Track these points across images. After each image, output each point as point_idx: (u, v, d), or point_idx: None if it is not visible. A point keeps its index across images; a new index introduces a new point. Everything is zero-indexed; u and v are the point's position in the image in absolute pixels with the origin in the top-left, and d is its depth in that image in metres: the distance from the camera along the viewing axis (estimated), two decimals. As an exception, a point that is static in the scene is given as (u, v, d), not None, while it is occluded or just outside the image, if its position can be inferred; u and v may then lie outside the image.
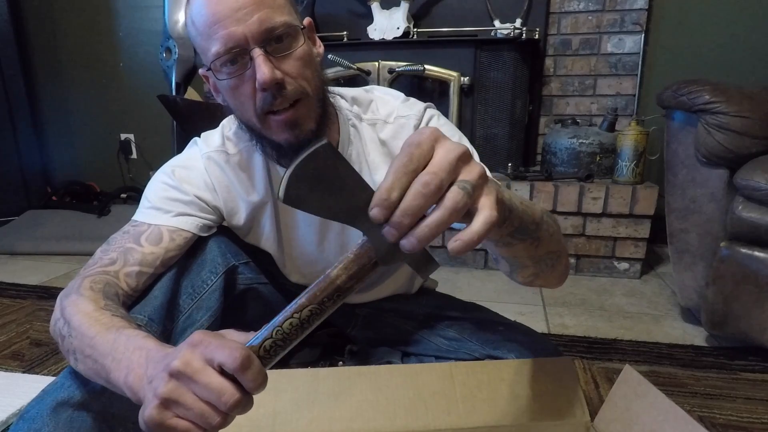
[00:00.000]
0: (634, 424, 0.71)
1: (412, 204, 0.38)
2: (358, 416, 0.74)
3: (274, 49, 0.65)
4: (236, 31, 0.63)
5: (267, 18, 0.64)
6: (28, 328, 1.44)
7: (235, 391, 0.41)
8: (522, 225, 0.55)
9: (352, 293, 0.44)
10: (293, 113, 0.68)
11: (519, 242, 0.58)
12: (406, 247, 0.39)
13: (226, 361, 0.40)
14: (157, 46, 2.52)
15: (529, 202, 0.59)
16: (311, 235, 0.87)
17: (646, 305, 1.59)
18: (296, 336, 0.44)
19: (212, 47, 0.65)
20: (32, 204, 2.61)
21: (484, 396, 0.76)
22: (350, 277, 0.43)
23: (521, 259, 0.62)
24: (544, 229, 0.61)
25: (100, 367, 0.52)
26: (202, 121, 1.95)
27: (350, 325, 1.03)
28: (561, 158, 1.88)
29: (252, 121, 0.71)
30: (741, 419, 0.99)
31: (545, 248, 0.63)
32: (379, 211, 0.39)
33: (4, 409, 0.97)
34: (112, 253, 0.72)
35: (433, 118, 0.83)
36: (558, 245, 0.67)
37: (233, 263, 0.84)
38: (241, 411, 0.42)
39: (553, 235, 0.64)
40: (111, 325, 0.55)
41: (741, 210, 1.17)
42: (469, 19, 2.10)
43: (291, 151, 0.72)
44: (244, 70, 0.66)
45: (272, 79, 0.64)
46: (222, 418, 0.41)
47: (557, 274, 0.71)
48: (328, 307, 0.43)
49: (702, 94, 1.25)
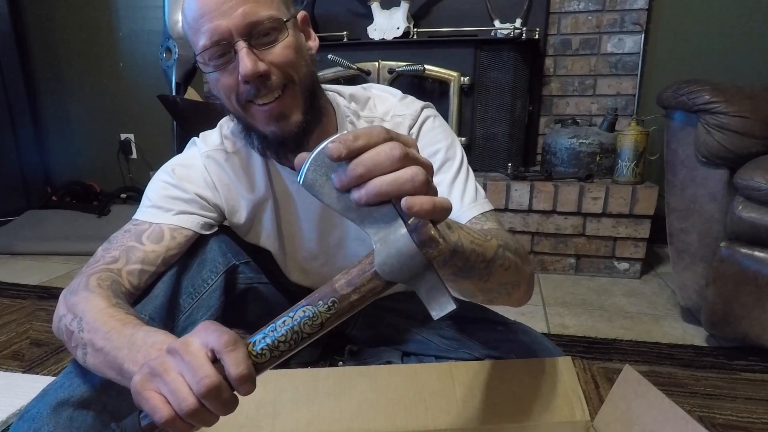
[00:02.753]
0: (634, 424, 0.71)
1: (373, 156, 0.39)
2: (358, 416, 0.74)
3: (258, 43, 0.66)
4: (221, 24, 0.64)
5: (251, 11, 0.64)
6: (28, 328, 1.44)
7: (214, 374, 0.41)
8: (467, 264, 0.53)
9: (351, 302, 0.43)
10: (278, 104, 0.69)
11: (464, 279, 0.57)
12: (355, 197, 0.39)
13: (211, 339, 0.42)
14: (157, 46, 2.52)
15: (482, 239, 0.56)
16: (311, 231, 0.87)
17: (646, 305, 1.59)
18: (289, 337, 0.44)
19: (200, 41, 0.66)
20: (32, 204, 2.61)
21: (484, 396, 0.76)
22: (348, 283, 0.43)
23: (470, 291, 0.62)
24: (498, 265, 0.59)
25: (113, 359, 0.52)
26: (202, 121, 1.95)
27: (350, 325, 1.03)
28: (561, 158, 1.88)
29: (237, 112, 0.72)
30: (741, 419, 0.99)
31: (496, 282, 0.61)
32: (335, 146, 0.38)
33: (4, 409, 0.97)
34: (113, 251, 0.72)
35: (429, 120, 0.83)
36: (515, 276, 0.65)
37: (234, 262, 0.84)
38: (219, 404, 0.42)
39: (509, 268, 0.62)
40: (127, 322, 0.56)
41: (741, 210, 1.17)
42: (469, 19, 2.10)
43: (276, 143, 0.72)
44: (229, 63, 0.67)
45: (254, 72, 0.65)
46: (194, 402, 0.41)
47: (515, 299, 0.70)
48: (325, 315, 0.43)
49: (702, 94, 1.25)
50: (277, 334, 0.43)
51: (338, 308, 0.43)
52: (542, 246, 1.86)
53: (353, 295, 0.43)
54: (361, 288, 0.43)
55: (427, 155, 0.76)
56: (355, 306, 0.43)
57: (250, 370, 0.42)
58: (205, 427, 0.44)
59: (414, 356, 0.98)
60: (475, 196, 0.80)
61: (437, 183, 0.76)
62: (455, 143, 0.82)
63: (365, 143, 0.39)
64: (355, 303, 0.43)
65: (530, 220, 1.83)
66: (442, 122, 0.85)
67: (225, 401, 0.42)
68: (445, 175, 0.80)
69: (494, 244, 0.59)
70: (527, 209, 1.81)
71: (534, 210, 1.81)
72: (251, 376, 0.42)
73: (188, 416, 0.41)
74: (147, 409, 0.42)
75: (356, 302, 0.43)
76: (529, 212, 1.82)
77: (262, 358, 0.43)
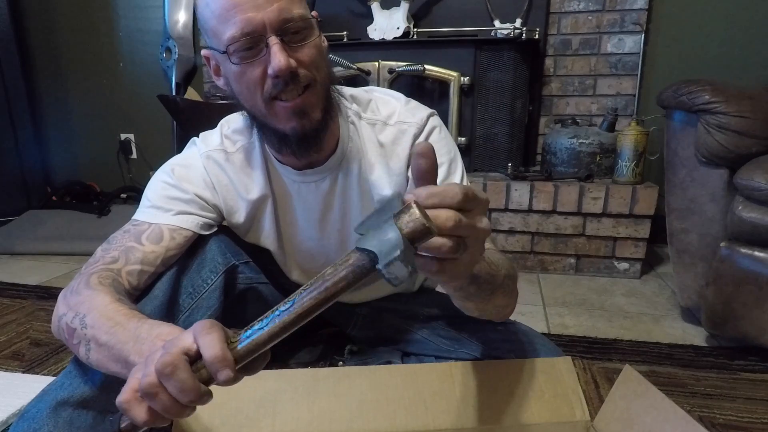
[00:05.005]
0: (634, 424, 0.71)
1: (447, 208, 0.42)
2: (358, 416, 0.74)
3: (289, 40, 0.66)
4: (255, 17, 0.64)
5: (286, 7, 0.65)
6: (28, 328, 1.44)
7: (175, 352, 0.42)
8: (479, 290, 0.58)
9: (341, 286, 0.43)
10: (302, 101, 0.69)
11: (469, 301, 0.62)
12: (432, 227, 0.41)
13: (195, 329, 0.44)
14: (157, 46, 2.52)
15: (495, 270, 0.62)
16: (311, 230, 0.87)
17: (646, 305, 1.59)
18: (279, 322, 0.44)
19: (228, 30, 0.65)
20: (32, 204, 2.61)
21: (484, 396, 0.76)
22: (337, 269, 0.43)
23: (468, 308, 0.66)
24: (499, 293, 0.65)
25: (118, 352, 0.52)
26: (202, 121, 1.95)
27: (350, 325, 1.03)
28: (561, 158, 1.88)
29: (257, 107, 0.71)
30: (741, 419, 0.99)
31: (494, 304, 0.67)
32: (422, 191, 0.42)
33: (4, 409, 0.97)
34: (113, 251, 0.72)
35: (435, 131, 0.83)
36: (510, 299, 0.72)
37: (233, 262, 0.84)
38: (175, 385, 0.42)
39: (507, 294, 0.68)
40: (132, 316, 0.56)
41: (741, 210, 1.17)
42: (469, 19, 2.10)
43: (296, 140, 0.72)
44: (257, 56, 0.66)
45: (287, 67, 0.65)
46: (154, 379, 0.42)
47: (502, 316, 0.76)
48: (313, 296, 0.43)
49: (702, 94, 1.25)
50: (262, 322, 0.44)
51: (320, 289, 0.43)
52: (542, 246, 1.86)
53: (338, 278, 0.43)
54: (342, 265, 0.43)
55: None
56: (337, 289, 0.43)
57: (225, 353, 0.42)
58: (175, 417, 0.44)
59: (414, 356, 0.98)
60: None
61: None
62: (457, 157, 0.84)
63: (437, 201, 0.42)
64: (338, 285, 0.43)
65: (530, 220, 1.83)
66: (447, 133, 0.86)
67: (182, 382, 0.42)
68: None
69: (503, 275, 0.64)
70: (527, 209, 1.81)
71: (534, 210, 1.81)
72: (225, 358, 0.42)
73: (147, 396, 0.42)
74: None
75: (339, 283, 0.43)
76: (529, 212, 1.82)
77: (246, 342, 0.44)
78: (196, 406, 0.44)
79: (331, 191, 0.83)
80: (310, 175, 0.81)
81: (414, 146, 0.71)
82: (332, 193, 0.83)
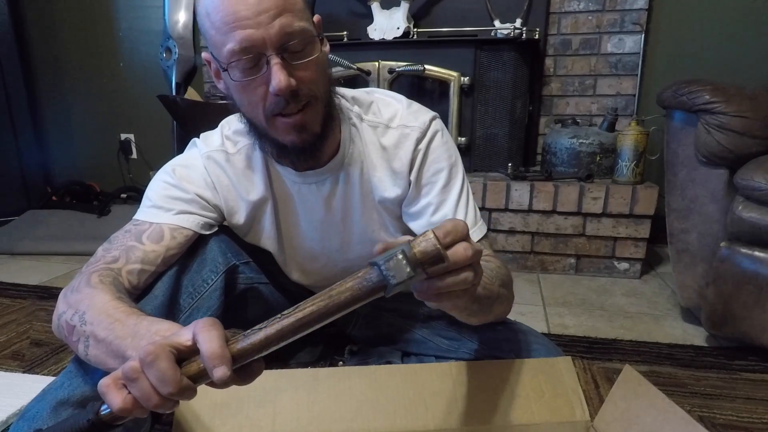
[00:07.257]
0: (634, 424, 0.71)
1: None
2: (358, 416, 0.74)
3: (290, 56, 0.66)
4: (255, 34, 0.63)
5: (288, 24, 0.64)
6: (28, 328, 1.44)
7: (160, 343, 0.43)
8: (479, 307, 0.61)
9: (347, 300, 0.44)
10: (301, 117, 0.69)
11: (473, 317, 0.64)
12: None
13: (196, 326, 0.44)
14: (157, 46, 2.52)
15: (491, 284, 0.65)
16: (312, 232, 0.87)
17: (646, 305, 1.59)
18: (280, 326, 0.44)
19: (227, 44, 0.64)
20: (32, 204, 2.60)
21: (484, 396, 0.76)
22: (345, 285, 0.44)
23: (468, 320, 0.67)
24: (496, 306, 0.68)
25: (117, 348, 0.53)
26: (202, 121, 1.95)
27: (350, 325, 1.03)
28: (561, 158, 1.88)
29: (258, 119, 0.71)
30: (741, 419, 0.99)
31: (493, 315, 0.71)
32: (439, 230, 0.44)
33: (4, 409, 0.97)
34: (114, 251, 0.72)
35: (437, 135, 0.83)
36: (505, 307, 0.77)
37: (234, 262, 0.84)
38: (156, 374, 0.42)
39: (504, 301, 0.72)
40: (131, 313, 0.56)
41: (741, 210, 1.17)
42: (469, 19, 2.10)
43: (294, 151, 0.73)
44: (258, 73, 0.66)
45: (288, 87, 0.65)
46: (137, 366, 0.42)
47: (500, 319, 0.81)
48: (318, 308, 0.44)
49: (702, 94, 1.25)
50: (262, 326, 0.45)
51: (324, 298, 0.44)
52: (542, 246, 1.86)
53: (344, 292, 0.44)
54: (350, 277, 0.45)
55: (431, 173, 0.83)
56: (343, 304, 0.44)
57: (223, 350, 0.42)
58: (153, 409, 0.43)
59: (414, 356, 0.98)
60: (475, 220, 0.83)
61: (440, 203, 0.80)
62: (458, 161, 0.84)
63: (450, 240, 0.45)
64: (344, 299, 0.44)
65: (530, 220, 1.83)
66: (448, 137, 0.86)
67: (162, 371, 0.42)
68: (448, 196, 0.81)
69: (497, 285, 0.67)
70: (527, 209, 1.81)
71: (534, 210, 1.81)
72: (223, 355, 0.42)
73: (127, 380, 0.43)
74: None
75: (347, 299, 0.44)
76: (529, 212, 1.82)
77: (246, 342, 0.44)
78: (178, 400, 0.43)
79: (332, 193, 0.83)
80: (311, 177, 0.81)
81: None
82: (333, 194, 0.83)
